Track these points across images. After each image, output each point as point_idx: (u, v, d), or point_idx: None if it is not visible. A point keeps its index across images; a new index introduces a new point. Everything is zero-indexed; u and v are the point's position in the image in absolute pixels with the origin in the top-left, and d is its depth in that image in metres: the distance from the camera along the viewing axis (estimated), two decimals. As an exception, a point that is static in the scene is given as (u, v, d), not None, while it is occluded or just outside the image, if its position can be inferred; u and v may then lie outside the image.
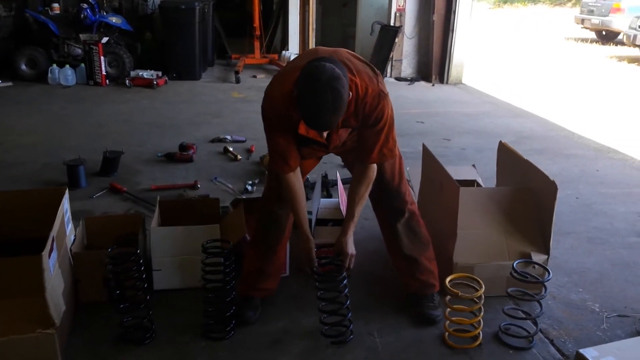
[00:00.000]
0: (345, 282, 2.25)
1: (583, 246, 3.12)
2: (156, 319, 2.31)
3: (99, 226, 2.72)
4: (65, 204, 2.44)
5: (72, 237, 2.51)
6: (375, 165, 2.23)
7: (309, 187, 3.69)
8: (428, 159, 2.95)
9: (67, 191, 2.48)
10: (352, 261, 2.28)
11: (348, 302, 2.26)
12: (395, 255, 2.46)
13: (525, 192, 2.68)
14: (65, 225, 2.41)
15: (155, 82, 6.99)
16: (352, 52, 2.16)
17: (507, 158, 2.96)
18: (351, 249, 2.27)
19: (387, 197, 2.36)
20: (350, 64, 2.04)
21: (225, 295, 2.26)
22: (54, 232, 2.11)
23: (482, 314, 2.23)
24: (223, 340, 2.24)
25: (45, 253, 1.95)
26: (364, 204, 2.29)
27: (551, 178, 2.55)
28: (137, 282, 2.21)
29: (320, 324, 2.27)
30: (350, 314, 2.27)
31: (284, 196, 2.23)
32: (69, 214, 2.51)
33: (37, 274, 1.95)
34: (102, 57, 6.98)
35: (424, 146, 3.03)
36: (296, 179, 2.19)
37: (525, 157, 4.61)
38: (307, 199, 3.58)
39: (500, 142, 3.06)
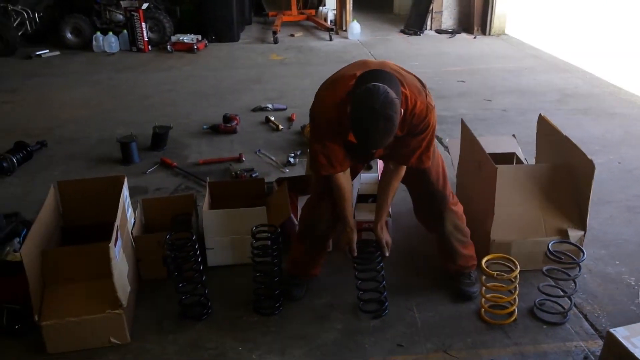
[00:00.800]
0: (381, 263, 2.40)
1: (622, 216, 3.14)
2: (211, 296, 2.52)
3: (155, 207, 2.92)
4: (125, 192, 2.63)
5: (132, 220, 2.72)
6: None
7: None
8: (466, 135, 2.99)
9: (125, 179, 2.67)
10: (389, 248, 2.41)
11: (384, 281, 2.42)
12: (440, 249, 2.57)
13: (564, 169, 2.71)
14: (126, 210, 2.61)
15: (195, 47, 7.10)
16: (399, 65, 2.19)
17: (547, 132, 2.98)
18: (387, 237, 2.40)
19: (434, 199, 2.42)
20: (399, 75, 2.07)
21: (273, 275, 2.44)
22: (117, 222, 2.30)
23: (517, 292, 2.34)
24: (273, 315, 2.44)
25: (111, 244, 2.15)
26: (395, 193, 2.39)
27: (589, 156, 2.57)
28: (194, 265, 2.41)
29: (357, 300, 2.44)
30: (386, 292, 2.43)
31: (333, 194, 2.31)
32: (128, 200, 2.70)
33: (105, 259, 2.15)
34: (143, 23, 7.12)
35: (462, 122, 3.07)
36: (345, 178, 2.26)
37: (569, 118, 4.61)
38: (370, 167, 3.70)
39: (540, 115, 3.07)
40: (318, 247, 2.52)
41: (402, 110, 1.99)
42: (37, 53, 7.07)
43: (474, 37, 7.91)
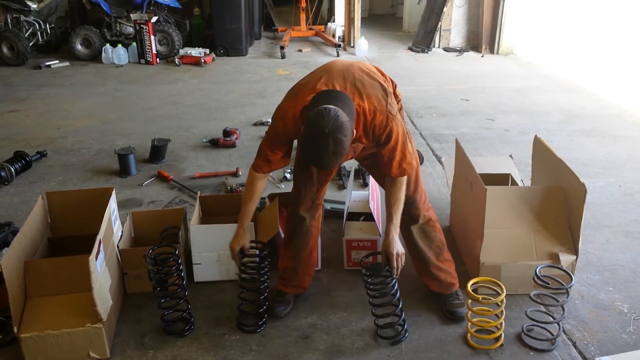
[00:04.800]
0: (395, 286, 2.33)
1: (619, 241, 3.08)
2: (195, 311, 2.50)
3: (144, 220, 2.91)
4: (112, 204, 2.63)
5: (120, 233, 2.72)
6: None
7: (345, 175, 3.78)
8: (460, 155, 2.96)
9: (113, 192, 2.67)
10: (402, 260, 2.31)
11: (400, 305, 2.34)
12: (412, 257, 2.55)
13: (557, 191, 2.66)
14: (113, 223, 2.60)
15: (203, 60, 7.15)
16: (366, 68, 2.22)
17: (542, 153, 2.94)
18: (398, 248, 2.29)
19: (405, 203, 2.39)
20: (360, 86, 2.11)
21: (259, 293, 2.41)
22: (100, 235, 2.29)
23: (503, 316, 2.29)
24: (255, 333, 2.40)
25: (92, 257, 2.14)
26: (402, 206, 2.31)
27: (586, 179, 2.52)
28: (176, 280, 2.39)
29: (375, 325, 2.38)
30: (403, 315, 2.36)
31: (244, 190, 2.41)
32: (116, 212, 2.70)
33: (86, 273, 2.14)
34: (152, 36, 7.19)
35: (456, 141, 3.04)
36: (262, 178, 2.36)
37: (572, 139, 4.56)
38: (343, 187, 3.71)
39: (536, 136, 3.03)
40: (304, 246, 2.51)
41: (362, 122, 2.08)
42: (47, 63, 7.17)
43: (482, 56, 7.89)
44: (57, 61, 7.29)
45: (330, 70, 2.17)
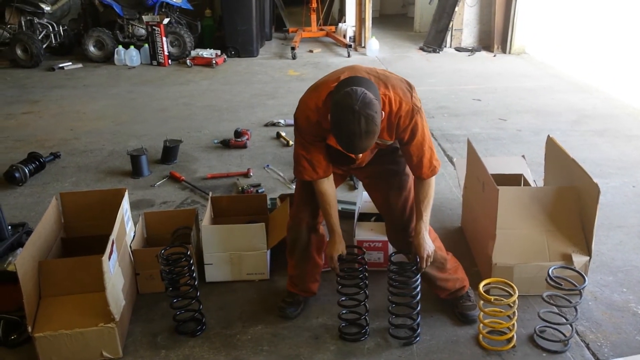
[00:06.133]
0: (417, 288, 2.30)
1: (633, 242, 3.05)
2: (207, 311, 2.51)
3: (157, 220, 2.93)
4: (125, 205, 2.65)
5: (132, 234, 2.74)
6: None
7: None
8: (472, 155, 2.95)
9: (126, 192, 2.69)
10: (431, 259, 2.29)
11: (419, 307, 2.32)
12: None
13: (570, 191, 2.64)
14: (125, 224, 2.62)
15: (214, 62, 7.18)
16: (386, 70, 2.21)
17: (555, 153, 2.92)
18: (428, 248, 2.27)
19: (397, 229, 2.38)
20: (384, 78, 2.09)
21: (358, 300, 2.36)
22: (113, 236, 2.31)
23: (515, 317, 2.28)
24: (357, 342, 2.36)
25: (105, 257, 2.16)
26: (432, 202, 2.28)
27: (599, 179, 2.50)
28: (188, 280, 2.40)
29: (388, 323, 2.38)
30: (420, 318, 2.34)
31: (317, 201, 2.30)
32: (128, 213, 2.72)
33: (99, 272, 2.16)
34: (164, 38, 7.23)
35: (468, 141, 3.03)
36: (328, 184, 2.25)
37: (584, 139, 4.52)
38: (354, 188, 3.71)
39: (548, 136, 3.01)
40: (306, 257, 2.48)
41: (387, 112, 2.02)
42: (60, 65, 7.23)
43: (494, 56, 7.84)
44: (70, 63, 7.36)
45: (352, 67, 2.14)
